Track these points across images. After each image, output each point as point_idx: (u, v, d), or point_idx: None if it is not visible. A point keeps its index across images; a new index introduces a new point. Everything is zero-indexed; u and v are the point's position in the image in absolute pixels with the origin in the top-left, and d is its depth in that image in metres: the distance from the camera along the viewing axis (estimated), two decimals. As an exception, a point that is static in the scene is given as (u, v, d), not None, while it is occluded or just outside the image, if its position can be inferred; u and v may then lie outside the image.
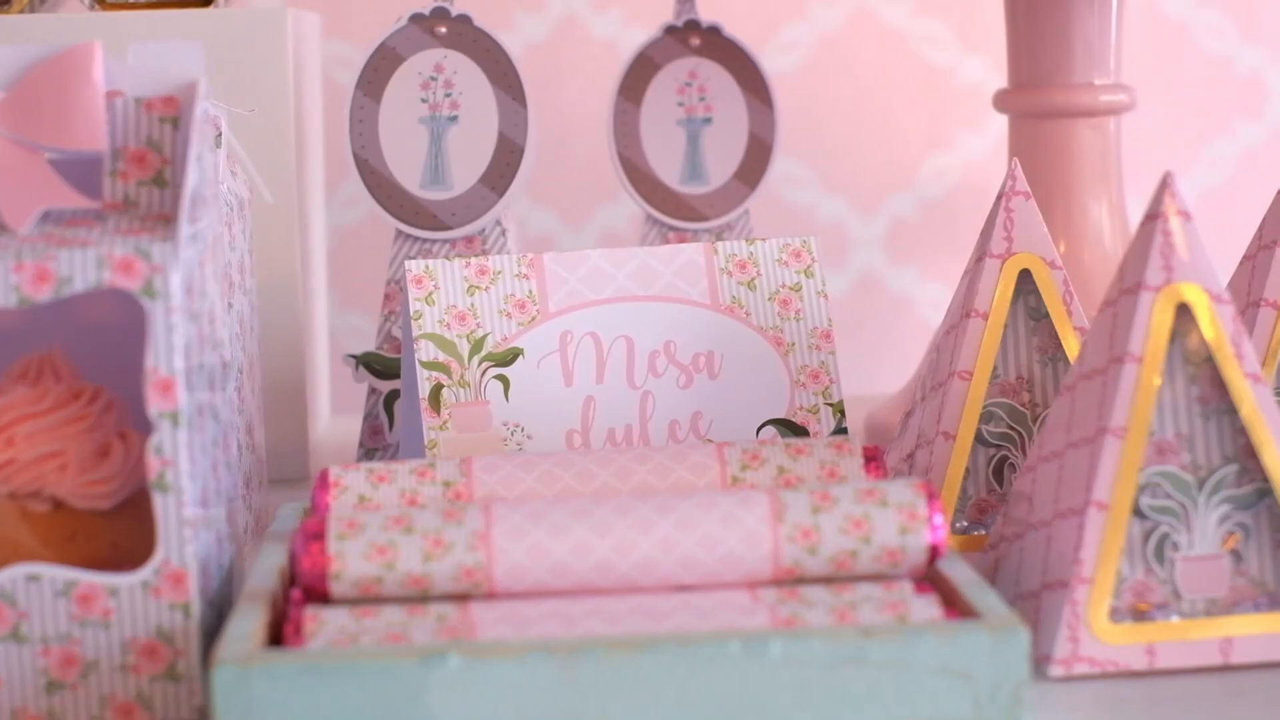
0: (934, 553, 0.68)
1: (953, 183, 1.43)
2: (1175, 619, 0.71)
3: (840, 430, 0.88)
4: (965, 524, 0.83)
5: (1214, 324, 0.71)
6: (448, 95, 0.98)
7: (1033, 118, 1.02)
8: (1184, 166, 1.45)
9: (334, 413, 1.26)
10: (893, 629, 0.62)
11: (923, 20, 1.43)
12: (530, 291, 0.87)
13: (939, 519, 0.68)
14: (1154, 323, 0.71)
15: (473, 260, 0.87)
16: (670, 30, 1.08)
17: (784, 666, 0.62)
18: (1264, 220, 0.86)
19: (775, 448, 0.76)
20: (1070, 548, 0.70)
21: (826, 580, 0.68)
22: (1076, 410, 0.73)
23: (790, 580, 0.68)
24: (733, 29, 1.08)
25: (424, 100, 0.98)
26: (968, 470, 0.84)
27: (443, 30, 0.98)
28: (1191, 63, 1.45)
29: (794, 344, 0.89)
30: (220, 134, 0.86)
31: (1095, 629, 0.69)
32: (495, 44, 0.98)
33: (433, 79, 0.98)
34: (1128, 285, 0.72)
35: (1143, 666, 0.70)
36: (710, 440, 0.86)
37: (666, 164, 1.07)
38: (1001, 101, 1.03)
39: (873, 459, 0.76)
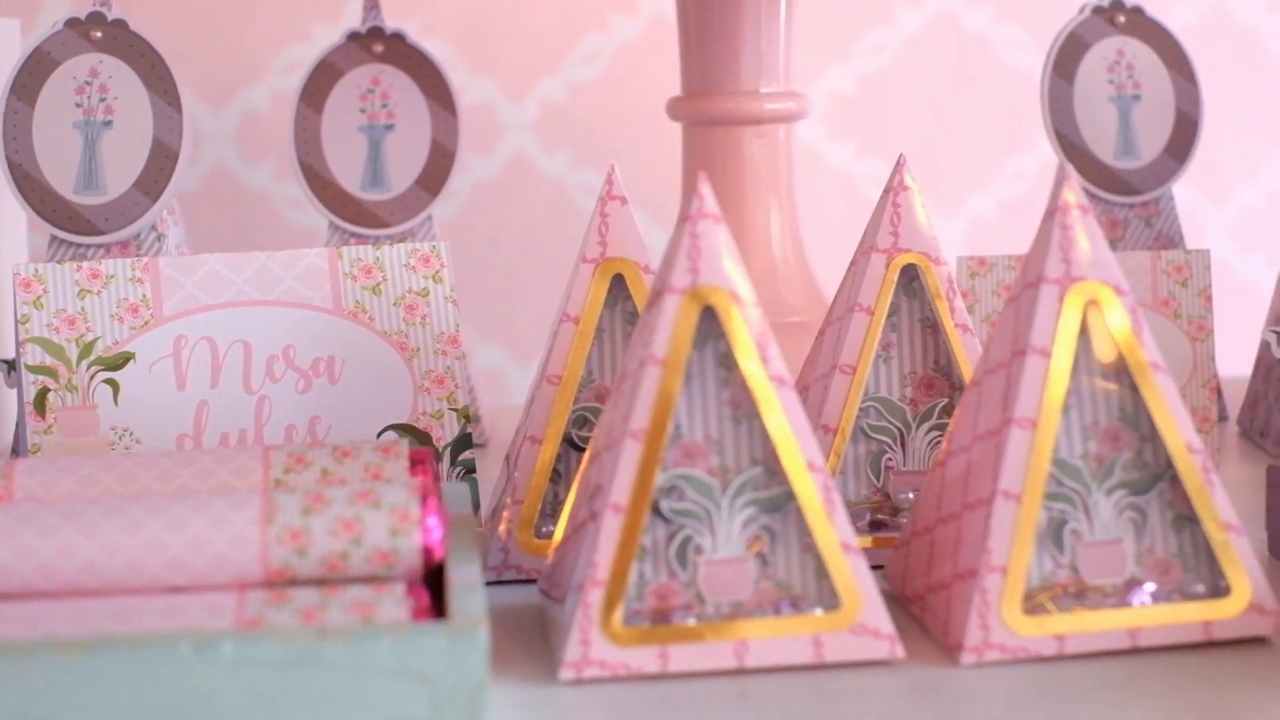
0: (429, 554, 0.68)
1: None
2: (693, 622, 0.70)
3: (465, 435, 0.89)
4: (551, 528, 0.83)
5: (739, 327, 0.71)
6: (102, 100, 0.98)
7: (703, 125, 1.02)
8: (986, 179, 1.45)
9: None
10: (348, 631, 0.62)
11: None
12: (144, 296, 0.87)
13: (433, 521, 0.68)
14: (677, 326, 0.71)
15: (84, 264, 0.87)
16: (354, 36, 1.08)
17: (236, 667, 0.61)
18: (866, 228, 0.86)
19: (322, 450, 0.76)
20: (589, 550, 0.70)
21: (320, 582, 0.68)
22: (615, 413, 0.73)
23: (282, 582, 0.68)
24: (532, 41, 1.09)
25: (79, 105, 0.98)
26: (558, 474, 0.83)
27: (99, 35, 0.98)
28: (993, 77, 1.45)
29: (419, 349, 0.89)
30: None
31: (608, 632, 0.69)
32: (151, 49, 0.98)
33: (88, 83, 0.98)
34: (657, 288, 0.72)
35: (655, 670, 0.69)
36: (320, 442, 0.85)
37: (348, 170, 1.07)
38: (674, 109, 1.03)
39: (419, 462, 0.76)
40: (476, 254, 1.43)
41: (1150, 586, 0.72)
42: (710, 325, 0.72)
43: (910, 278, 0.85)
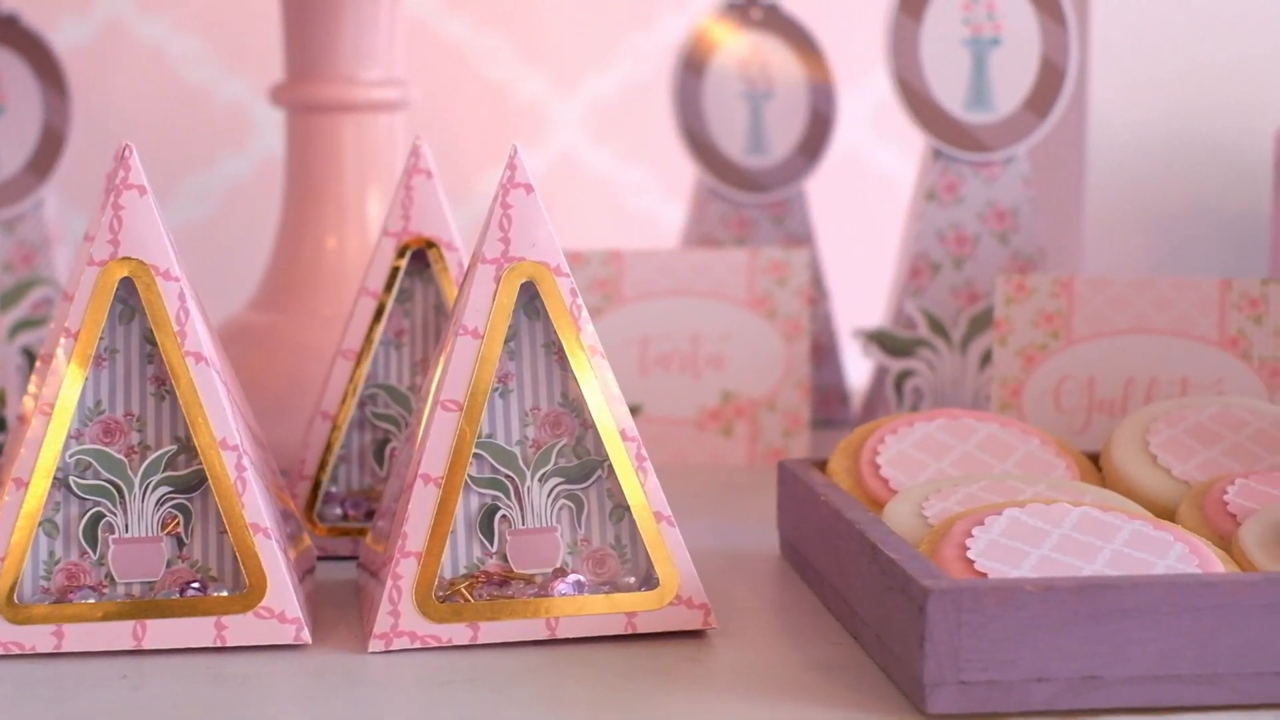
0: None
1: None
2: (92, 600, 0.69)
3: (-1, 417, 0.87)
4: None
5: (157, 300, 0.69)
6: None
7: (304, 112, 1.00)
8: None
9: None
10: None
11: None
12: None
13: None
14: (94, 298, 0.69)
15: None
16: (-35, 19, 1.06)
17: None
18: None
19: None
20: (-6, 527, 0.69)
21: None
22: (45, 389, 0.71)
23: None
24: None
25: None
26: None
27: None
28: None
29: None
30: None
31: (8, 611, 0.68)
32: None
33: None
34: (86, 261, 0.70)
35: (50, 649, 0.68)
36: None
37: (-42, 153, 1.06)
38: (276, 96, 1.01)
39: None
40: (228, 258, 1.41)
41: (574, 577, 0.70)
42: (136, 299, 0.70)
43: (426, 264, 0.83)
